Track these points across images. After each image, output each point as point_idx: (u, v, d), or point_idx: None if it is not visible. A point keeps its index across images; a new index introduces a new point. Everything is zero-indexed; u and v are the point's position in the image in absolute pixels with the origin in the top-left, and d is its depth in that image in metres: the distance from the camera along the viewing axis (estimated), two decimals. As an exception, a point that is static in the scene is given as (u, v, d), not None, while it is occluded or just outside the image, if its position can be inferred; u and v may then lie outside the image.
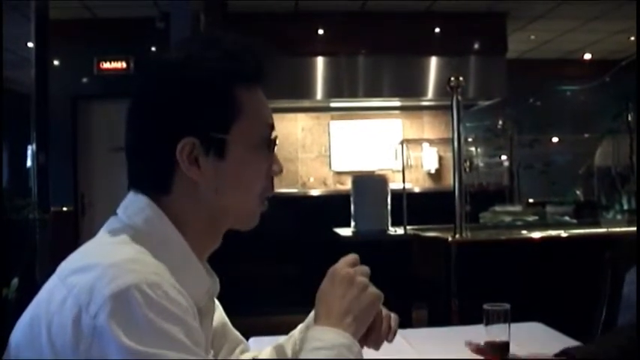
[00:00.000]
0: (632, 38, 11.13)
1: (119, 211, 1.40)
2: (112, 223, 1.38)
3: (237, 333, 1.77)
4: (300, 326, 1.71)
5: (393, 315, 1.53)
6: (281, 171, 1.47)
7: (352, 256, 1.47)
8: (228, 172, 1.38)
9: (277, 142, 1.47)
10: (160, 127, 1.37)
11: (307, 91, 9.42)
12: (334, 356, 1.34)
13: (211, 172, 1.37)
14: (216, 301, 1.64)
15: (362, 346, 1.48)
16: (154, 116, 1.38)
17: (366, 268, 1.46)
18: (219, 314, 1.70)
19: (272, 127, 1.45)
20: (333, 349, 1.35)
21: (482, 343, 2.02)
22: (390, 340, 1.52)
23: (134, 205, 1.38)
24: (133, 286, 1.16)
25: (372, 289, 1.44)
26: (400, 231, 6.02)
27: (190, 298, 1.28)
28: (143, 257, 1.26)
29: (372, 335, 1.50)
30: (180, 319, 1.19)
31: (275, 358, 1.75)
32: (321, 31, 9.35)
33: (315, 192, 9.52)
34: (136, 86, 1.43)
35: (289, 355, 1.71)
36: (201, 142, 1.35)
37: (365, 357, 1.41)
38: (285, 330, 2.31)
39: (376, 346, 1.52)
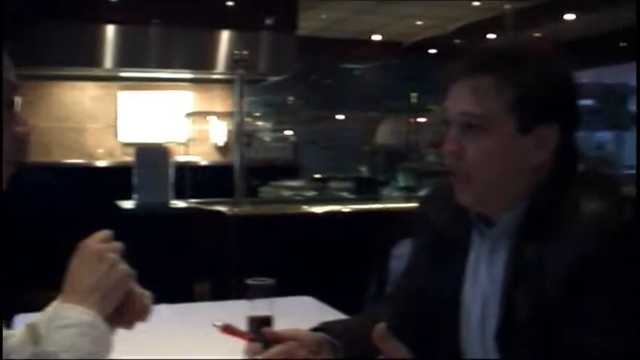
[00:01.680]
0: (420, 22, 11.53)
1: None
2: None
3: None
4: (53, 303, 1.62)
5: (147, 293, 1.48)
6: (28, 133, 1.40)
7: (104, 232, 1.44)
8: None
9: (19, 102, 1.40)
10: None
11: (96, 60, 9.10)
12: (78, 334, 1.30)
13: None
14: None
15: (115, 325, 1.43)
16: None
17: (117, 245, 1.43)
18: None
19: (14, 87, 1.38)
20: (78, 327, 1.32)
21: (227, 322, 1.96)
22: (145, 319, 1.47)
23: None
24: None
25: (123, 266, 1.41)
26: (182, 204, 5.94)
27: None
28: None
29: (125, 314, 1.45)
30: None
31: (26, 337, 1.65)
32: (112, -2, 9.08)
33: (101, 163, 9.27)
34: None
35: (43, 333, 1.62)
36: None
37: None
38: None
39: (129, 326, 1.48)
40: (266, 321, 1.95)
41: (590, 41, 11.73)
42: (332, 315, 2.49)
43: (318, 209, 5.22)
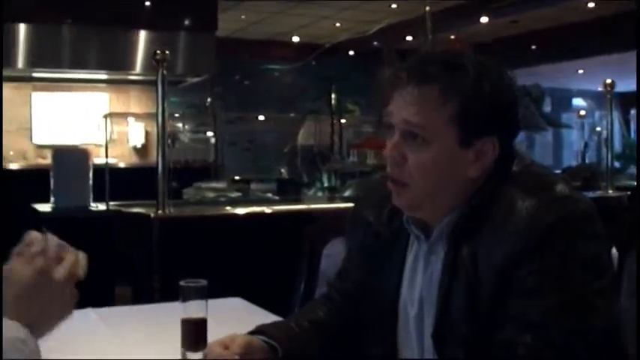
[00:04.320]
0: (338, 24, 11.60)
1: None
2: None
3: None
4: None
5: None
6: None
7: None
8: None
9: None
10: None
11: (7, 59, 8.89)
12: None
13: None
14: None
15: None
16: None
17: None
18: None
19: None
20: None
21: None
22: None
23: None
24: None
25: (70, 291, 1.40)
26: (102, 207, 5.84)
27: None
28: None
29: None
30: None
31: None
32: (24, -4, 8.87)
33: (14, 166, 9.07)
34: None
35: None
36: None
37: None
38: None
39: None
40: (200, 323, 1.93)
41: (504, 43, 12.00)
42: (262, 316, 2.47)
43: (243, 210, 5.20)
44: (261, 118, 9.60)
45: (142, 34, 9.27)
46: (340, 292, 2.02)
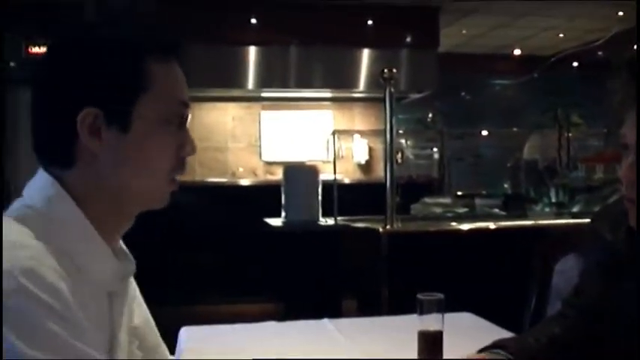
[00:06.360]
0: (561, 35, 11.32)
1: (24, 191, 1.35)
2: (13, 204, 1.34)
3: (158, 336, 1.71)
4: None
5: None
6: (194, 151, 1.42)
7: None
8: (132, 147, 1.34)
9: (189, 118, 1.44)
10: (62, 95, 1.33)
11: (238, 81, 9.34)
12: None
13: (113, 145, 1.32)
14: (141, 298, 1.62)
15: None
16: (57, 85, 1.34)
17: None
18: (143, 312, 1.65)
19: (185, 105, 1.42)
20: None
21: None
22: None
23: (36, 183, 1.34)
24: (7, 272, 1.12)
25: None
26: (331, 221, 6.00)
27: (90, 280, 1.27)
28: (22, 240, 1.21)
29: None
30: (55, 312, 1.14)
31: None
32: (253, 21, 9.29)
33: (244, 182, 9.46)
34: (43, 60, 1.38)
35: None
36: (105, 113, 1.31)
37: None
38: (216, 319, 2.25)
39: None
40: (437, 336, 1.98)
41: None
42: (493, 331, 2.49)
43: (467, 226, 5.19)
44: (484, 133, 9.52)
45: (365, 52, 9.46)
46: (576, 309, 2.01)
